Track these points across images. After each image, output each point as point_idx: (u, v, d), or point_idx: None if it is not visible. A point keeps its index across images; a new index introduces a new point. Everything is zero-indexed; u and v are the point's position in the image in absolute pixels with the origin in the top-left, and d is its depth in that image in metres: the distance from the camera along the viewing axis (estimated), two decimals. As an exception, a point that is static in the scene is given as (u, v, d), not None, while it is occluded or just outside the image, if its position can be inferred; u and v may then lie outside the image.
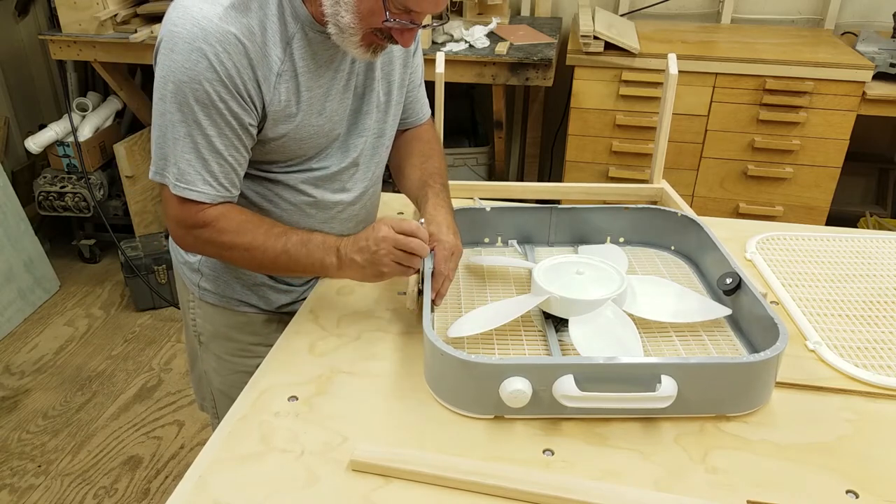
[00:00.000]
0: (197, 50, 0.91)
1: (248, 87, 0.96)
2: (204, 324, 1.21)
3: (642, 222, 1.28)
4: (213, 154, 0.97)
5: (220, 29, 0.91)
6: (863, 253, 1.30)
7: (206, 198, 0.98)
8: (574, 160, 2.51)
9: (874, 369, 0.99)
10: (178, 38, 0.91)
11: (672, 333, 1.04)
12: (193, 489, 0.80)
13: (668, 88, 1.40)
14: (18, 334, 2.60)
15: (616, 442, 0.87)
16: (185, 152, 0.96)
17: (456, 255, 1.08)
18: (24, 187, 2.88)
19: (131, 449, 2.09)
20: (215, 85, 0.93)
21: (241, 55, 0.93)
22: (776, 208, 2.43)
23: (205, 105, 0.94)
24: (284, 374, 0.98)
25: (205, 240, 1.02)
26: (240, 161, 1.01)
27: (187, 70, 0.91)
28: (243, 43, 0.93)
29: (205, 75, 0.92)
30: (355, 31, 0.95)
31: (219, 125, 0.96)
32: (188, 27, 0.91)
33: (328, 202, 1.13)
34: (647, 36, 2.48)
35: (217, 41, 0.91)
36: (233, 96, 0.95)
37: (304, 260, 1.02)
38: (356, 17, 0.94)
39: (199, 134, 0.95)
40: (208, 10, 0.92)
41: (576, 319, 1.01)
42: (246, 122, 0.98)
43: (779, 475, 0.82)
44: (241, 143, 0.99)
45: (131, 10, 2.55)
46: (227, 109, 0.95)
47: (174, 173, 0.97)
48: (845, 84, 2.24)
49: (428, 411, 0.91)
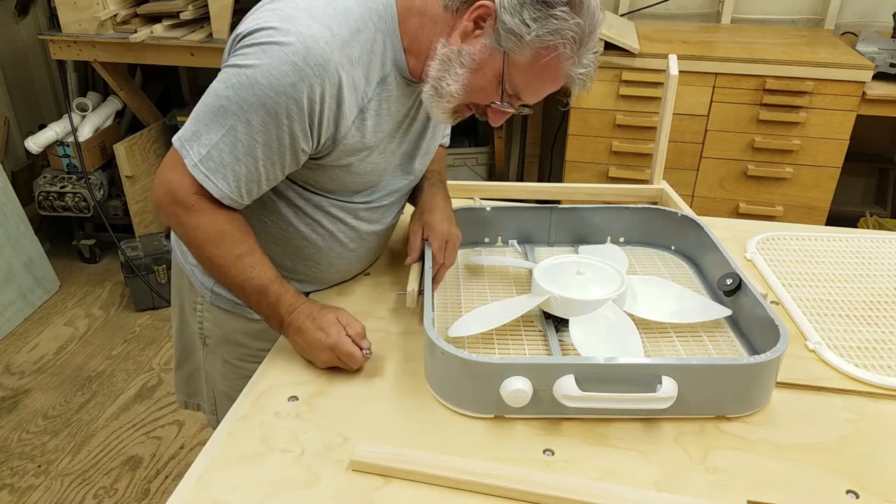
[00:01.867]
0: (292, 64, 0.86)
1: (322, 119, 0.92)
2: (212, 328, 1.20)
3: (642, 222, 1.28)
4: (249, 158, 0.92)
5: (325, 55, 0.87)
6: (863, 253, 1.30)
7: (217, 193, 0.94)
8: (574, 160, 2.51)
9: (874, 369, 0.99)
10: (276, 42, 0.86)
11: (672, 334, 1.04)
12: (193, 489, 0.80)
13: (669, 89, 1.40)
14: (18, 334, 2.60)
15: (616, 442, 0.87)
16: (222, 142, 0.91)
17: (451, 242, 1.08)
18: (24, 187, 2.88)
19: (131, 449, 2.09)
20: (290, 103, 0.88)
21: (334, 87, 0.90)
22: (776, 208, 2.43)
23: (269, 113, 0.89)
24: (284, 374, 0.98)
25: (181, 222, 0.98)
26: (269, 177, 0.96)
27: (271, 76, 0.86)
28: (341, 77, 0.90)
29: (287, 91, 0.87)
30: (454, 100, 0.94)
31: (270, 136, 0.91)
32: (291, 38, 0.86)
33: (362, 231, 1.12)
34: (647, 36, 2.48)
35: (317, 64, 0.87)
36: (301, 121, 0.90)
37: (254, 306, 1.02)
38: (463, 89, 0.93)
39: (246, 133, 0.90)
40: (317, 31, 0.87)
41: (576, 319, 1.01)
42: (299, 147, 0.94)
43: (779, 475, 0.82)
44: (281, 161, 0.94)
45: (131, 10, 2.55)
46: (289, 128, 0.91)
47: (200, 153, 0.92)
48: (845, 84, 2.24)
49: (428, 411, 0.91)
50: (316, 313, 0.99)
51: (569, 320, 1.02)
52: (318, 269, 1.14)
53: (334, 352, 0.96)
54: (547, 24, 0.88)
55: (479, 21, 0.91)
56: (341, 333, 0.96)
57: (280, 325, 1.01)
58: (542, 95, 0.97)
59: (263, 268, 1.00)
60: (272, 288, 1.00)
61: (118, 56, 2.56)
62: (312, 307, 1.00)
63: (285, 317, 1.00)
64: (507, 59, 0.91)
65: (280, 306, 1.00)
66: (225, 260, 0.98)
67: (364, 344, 0.97)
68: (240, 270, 0.99)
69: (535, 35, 0.88)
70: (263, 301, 1.00)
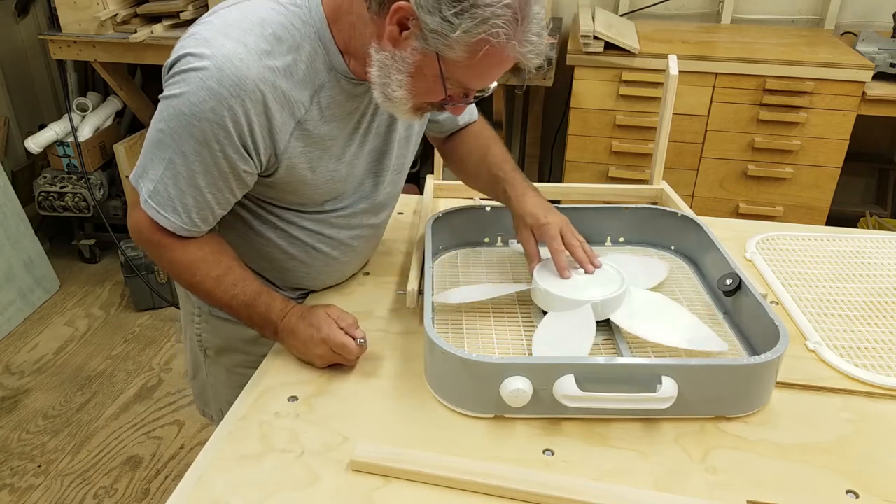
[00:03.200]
0: (208, 89, 0.84)
1: (255, 137, 0.89)
2: (211, 338, 1.19)
3: (642, 222, 1.28)
4: (193, 189, 0.91)
5: (239, 74, 0.84)
6: (863, 253, 1.30)
7: (171, 226, 0.93)
8: (574, 160, 2.51)
9: (874, 369, 0.99)
10: (193, 69, 0.84)
11: (672, 333, 1.04)
12: (193, 489, 0.80)
13: (669, 89, 1.40)
14: (18, 334, 2.60)
15: (616, 442, 0.87)
16: (164, 176, 0.90)
17: (565, 228, 1.07)
18: (24, 187, 2.88)
19: (131, 449, 2.09)
20: (216, 128, 0.86)
21: (258, 103, 0.87)
22: (776, 208, 2.43)
23: (199, 142, 0.87)
24: (284, 375, 0.98)
25: (157, 256, 0.99)
26: (220, 201, 0.94)
27: (192, 104, 0.85)
28: (263, 92, 0.86)
29: (209, 116, 0.85)
30: (406, 103, 0.89)
31: (207, 164, 0.89)
32: (206, 62, 0.84)
33: (342, 238, 1.10)
34: (647, 36, 2.48)
35: (232, 84, 0.84)
36: (232, 144, 0.88)
37: (246, 321, 1.01)
38: (408, 93, 0.88)
39: (184, 165, 0.89)
40: (230, 49, 0.84)
41: (551, 315, 1.02)
42: (240, 169, 0.91)
43: (779, 475, 0.82)
44: (226, 185, 0.93)
45: (131, 10, 2.55)
46: (222, 152, 0.88)
47: (148, 189, 0.92)
48: (845, 84, 2.24)
49: (428, 411, 0.91)
50: (306, 312, 0.99)
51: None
52: (308, 279, 1.14)
53: (327, 344, 0.95)
54: (472, 16, 0.79)
55: (402, 23, 0.83)
56: (332, 326, 0.96)
57: (274, 333, 1.01)
58: (492, 81, 0.91)
59: (246, 283, 1.00)
60: (259, 300, 0.99)
61: (118, 56, 2.56)
62: (302, 308, 1.00)
63: (278, 323, 0.99)
64: (442, 59, 0.84)
65: (271, 314, 0.99)
66: (206, 285, 0.98)
67: (357, 334, 0.96)
68: (223, 291, 0.99)
69: (462, 31, 0.80)
70: (254, 314, 1.00)
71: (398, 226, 1.38)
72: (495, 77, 0.90)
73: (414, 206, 1.47)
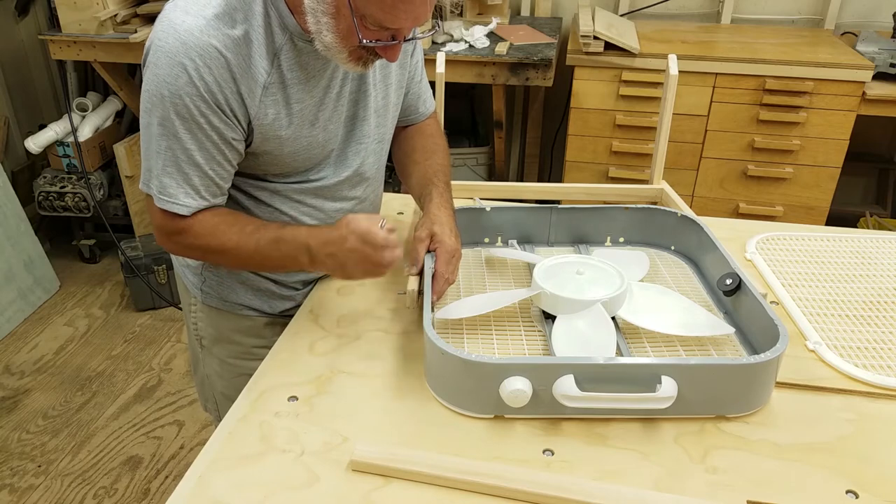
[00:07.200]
0: (178, 64, 0.90)
1: (230, 102, 0.94)
2: (206, 327, 1.21)
3: (642, 222, 1.28)
4: (194, 167, 0.96)
5: (201, 42, 0.90)
6: (863, 253, 1.30)
7: (186, 210, 0.98)
8: (574, 160, 2.51)
9: (874, 369, 0.99)
10: (160, 52, 0.90)
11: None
12: (193, 489, 0.80)
13: (669, 89, 1.40)
14: (18, 334, 2.60)
15: (616, 442, 0.87)
16: (166, 166, 0.96)
17: (456, 258, 1.07)
18: (24, 187, 2.88)
19: (131, 449, 2.09)
20: (195, 100, 0.92)
21: (223, 69, 0.92)
22: (776, 208, 2.44)
23: (185, 119, 0.93)
24: (284, 375, 0.98)
25: (186, 245, 1.03)
26: (221, 174, 1.00)
27: (168, 84, 0.90)
28: (225, 56, 0.91)
29: (185, 90, 0.91)
30: (340, 49, 0.92)
31: (199, 139, 0.95)
32: (170, 41, 0.90)
33: (328, 210, 1.13)
34: (647, 36, 2.48)
35: (198, 55, 0.90)
36: (213, 111, 0.93)
37: (277, 259, 1.02)
38: (337, 36, 0.91)
39: (180, 148, 0.95)
40: (190, 23, 0.90)
41: (562, 318, 1.02)
42: (228, 137, 0.97)
43: (779, 475, 0.82)
44: (223, 156, 0.98)
45: (131, 10, 2.55)
46: (208, 124, 0.94)
47: (157, 186, 0.97)
48: (845, 84, 2.24)
49: (428, 411, 0.91)
50: (331, 224, 1.00)
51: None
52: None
53: (357, 236, 0.94)
54: None
55: None
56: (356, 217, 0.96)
57: (309, 256, 0.99)
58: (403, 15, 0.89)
59: (266, 226, 1.02)
60: (283, 233, 1.01)
61: (118, 56, 2.56)
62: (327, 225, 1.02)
63: (310, 242, 0.99)
64: None
65: (298, 239, 1.00)
66: (231, 242, 1.01)
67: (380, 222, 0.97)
68: (249, 238, 1.01)
69: None
70: (284, 249, 1.00)
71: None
72: (405, 11, 0.89)
73: (414, 206, 1.47)
